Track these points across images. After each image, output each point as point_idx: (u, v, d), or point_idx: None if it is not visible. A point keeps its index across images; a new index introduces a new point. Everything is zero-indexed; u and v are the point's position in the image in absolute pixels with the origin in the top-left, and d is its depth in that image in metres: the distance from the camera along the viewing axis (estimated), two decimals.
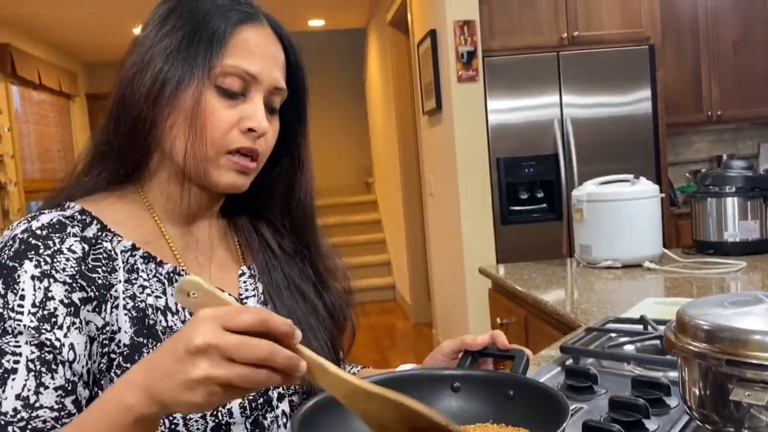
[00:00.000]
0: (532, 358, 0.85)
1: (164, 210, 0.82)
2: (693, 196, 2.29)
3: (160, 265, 0.78)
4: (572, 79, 3.37)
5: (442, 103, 3.57)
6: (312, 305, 0.88)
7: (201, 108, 0.75)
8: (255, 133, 0.78)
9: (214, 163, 0.77)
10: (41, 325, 0.67)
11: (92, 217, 0.76)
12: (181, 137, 0.76)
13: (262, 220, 0.90)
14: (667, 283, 1.87)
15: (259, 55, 0.78)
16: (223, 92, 0.77)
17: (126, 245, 0.76)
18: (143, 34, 0.80)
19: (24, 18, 5.23)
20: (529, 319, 1.93)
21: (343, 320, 0.93)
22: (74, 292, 0.70)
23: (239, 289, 0.85)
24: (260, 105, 0.78)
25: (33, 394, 0.66)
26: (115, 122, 0.79)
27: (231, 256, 0.88)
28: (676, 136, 4.33)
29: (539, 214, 3.39)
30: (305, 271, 0.91)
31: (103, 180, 0.80)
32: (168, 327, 0.75)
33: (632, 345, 1.15)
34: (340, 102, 7.93)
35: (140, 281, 0.75)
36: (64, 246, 0.71)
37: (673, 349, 0.71)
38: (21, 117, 5.59)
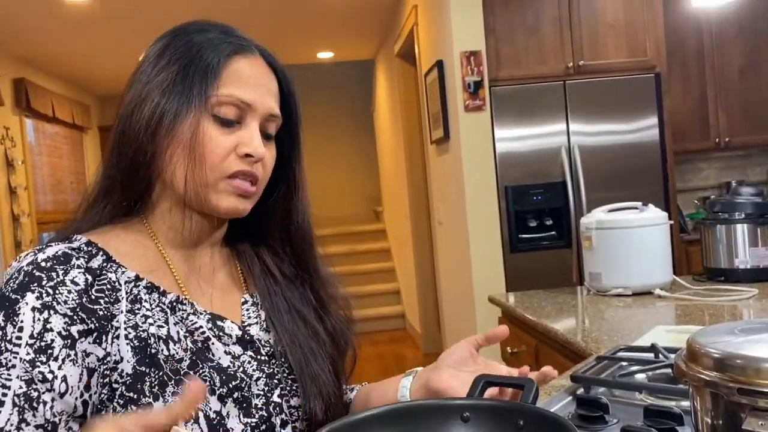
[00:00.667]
0: (543, 387, 0.84)
1: (167, 239, 0.83)
2: (702, 222, 2.28)
3: (164, 295, 0.79)
4: (579, 108, 3.40)
5: (449, 132, 3.59)
6: (313, 329, 0.89)
7: (199, 136, 0.78)
8: (252, 158, 0.80)
9: (214, 188, 0.79)
10: (37, 357, 0.68)
11: (98, 248, 0.78)
12: (181, 166, 0.78)
13: (262, 246, 0.92)
14: (678, 311, 1.86)
15: (252, 84, 0.81)
16: (220, 121, 0.79)
17: (130, 276, 0.78)
18: (140, 70, 0.83)
19: (38, 53, 5.34)
20: (540, 347, 1.91)
21: (344, 345, 0.94)
22: (74, 324, 0.71)
23: (242, 316, 0.86)
24: (256, 131, 0.81)
25: (15, 429, 0.66)
26: (117, 156, 0.81)
27: (234, 284, 0.89)
28: (685, 163, 4.34)
29: (548, 242, 3.38)
30: (306, 296, 0.92)
31: (108, 213, 0.82)
32: (170, 355, 0.76)
33: (644, 374, 1.14)
34: (349, 132, 8.00)
35: (143, 311, 0.76)
36: (68, 278, 0.73)
37: (684, 377, 0.70)
38: (34, 149, 5.66)
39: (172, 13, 4.58)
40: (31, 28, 4.68)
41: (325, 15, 5.05)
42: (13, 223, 5.05)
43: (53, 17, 4.45)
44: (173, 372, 0.74)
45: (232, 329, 0.82)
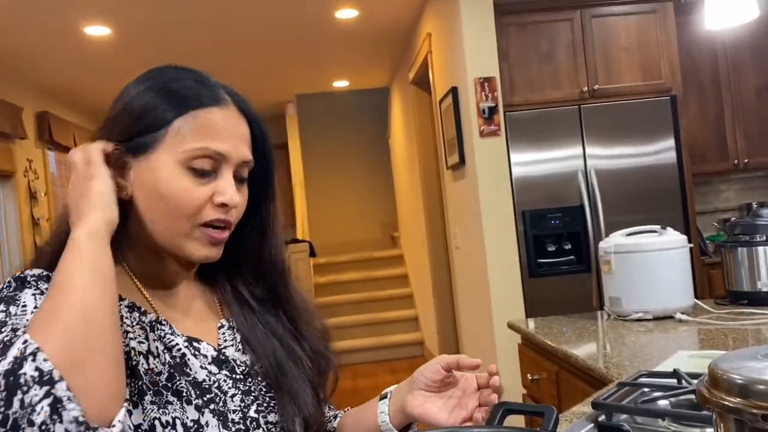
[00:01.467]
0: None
1: (143, 276, 0.86)
2: (723, 245, 2.25)
3: (144, 314, 0.82)
4: (595, 131, 3.40)
5: (465, 158, 3.60)
6: (290, 349, 0.91)
7: (175, 187, 0.80)
8: (227, 208, 0.82)
9: (189, 237, 0.82)
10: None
11: None
12: (156, 216, 0.81)
13: (235, 276, 0.94)
14: (701, 335, 1.83)
15: (226, 135, 0.83)
16: (195, 172, 0.81)
17: None
18: (114, 111, 0.84)
19: (60, 86, 5.46)
20: (561, 374, 1.89)
21: (324, 366, 0.95)
22: None
23: (218, 339, 0.88)
24: (230, 180, 0.83)
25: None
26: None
27: (210, 311, 0.92)
28: (704, 185, 4.30)
29: (567, 266, 3.36)
30: (281, 320, 0.94)
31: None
32: (149, 369, 0.78)
33: (666, 400, 1.12)
34: (365, 158, 8.05)
35: (124, 327, 0.79)
36: None
37: (706, 404, 0.69)
38: (56, 181, 5.76)
39: (191, 46, 4.68)
40: (52, 60, 4.79)
41: (341, 45, 5.13)
42: None
43: (74, 50, 4.56)
44: (152, 383, 0.77)
45: (207, 350, 0.85)
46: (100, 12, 3.97)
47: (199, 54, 4.76)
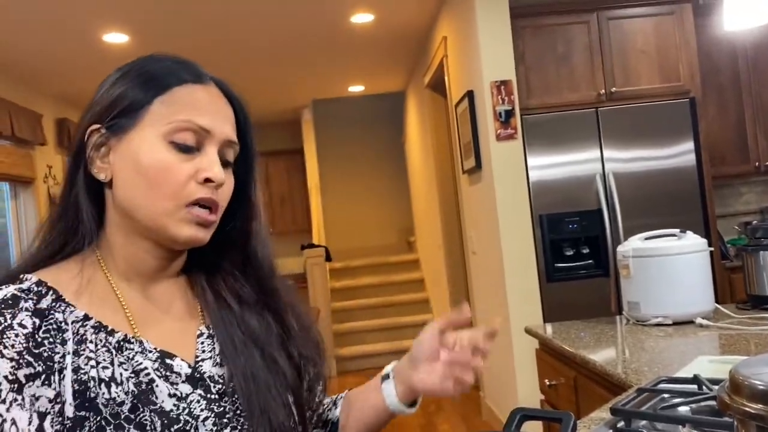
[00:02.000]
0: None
1: (121, 273, 0.82)
2: (744, 249, 2.22)
3: (111, 335, 0.77)
4: (612, 134, 3.37)
5: (481, 162, 3.59)
6: (271, 359, 0.85)
7: (156, 162, 0.77)
8: (213, 184, 0.79)
9: (174, 217, 0.78)
10: None
11: (48, 287, 0.76)
12: (137, 194, 0.78)
13: (220, 274, 0.89)
14: (722, 340, 1.80)
15: (209, 111, 0.81)
16: (178, 147, 0.78)
17: (78, 315, 0.76)
18: (96, 97, 0.83)
19: (78, 92, 5.52)
20: (579, 379, 1.87)
21: (313, 374, 0.90)
22: (20, 368, 0.70)
23: (196, 350, 0.83)
24: (215, 157, 0.80)
25: None
26: (70, 183, 0.81)
27: (190, 317, 0.86)
28: (724, 188, 4.25)
29: (585, 271, 3.33)
30: (267, 323, 0.88)
31: (58, 246, 0.81)
32: (111, 399, 0.73)
33: (687, 406, 1.11)
34: (381, 163, 8.06)
35: (87, 352, 0.74)
36: (15, 321, 0.72)
37: (727, 410, 0.68)
38: None
39: (207, 53, 4.72)
40: (71, 67, 4.86)
41: (356, 49, 5.14)
42: None
43: (92, 57, 4.62)
44: (113, 416, 0.72)
45: (181, 367, 0.79)
46: (118, 20, 4.02)
47: (216, 60, 4.80)
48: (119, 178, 0.79)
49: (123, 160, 0.79)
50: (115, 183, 0.80)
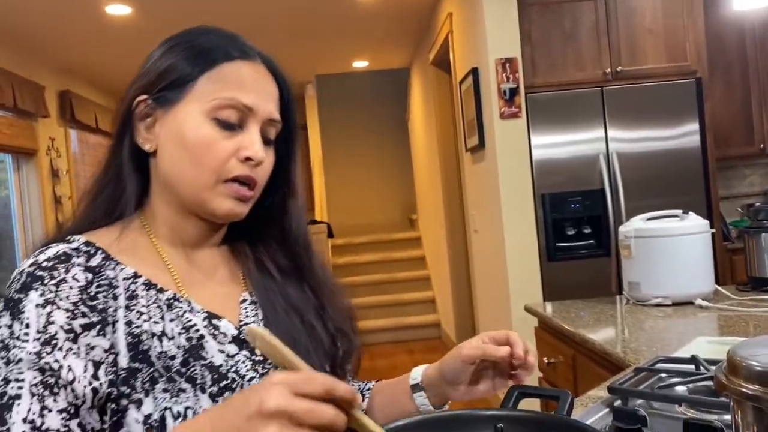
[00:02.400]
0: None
1: (166, 239, 0.84)
2: (746, 231, 2.22)
3: (161, 292, 0.80)
4: (617, 114, 3.35)
5: (485, 140, 3.57)
6: (310, 326, 0.88)
7: (199, 139, 0.79)
8: (252, 162, 0.81)
9: (213, 192, 0.80)
10: (42, 349, 0.70)
11: (96, 247, 0.79)
12: (180, 168, 0.80)
13: (260, 246, 0.92)
14: (721, 322, 1.81)
15: (254, 89, 0.82)
16: (221, 124, 0.80)
17: (128, 273, 0.79)
18: (144, 67, 0.85)
19: (81, 65, 5.50)
20: (577, 358, 1.88)
21: (347, 347, 0.93)
22: (75, 318, 0.73)
23: (240, 315, 0.86)
24: (257, 135, 0.82)
25: (38, 417, 0.67)
26: (116, 153, 0.84)
27: (233, 283, 0.89)
28: (728, 170, 4.23)
29: (587, 251, 3.33)
30: (305, 294, 0.91)
31: (105, 212, 0.84)
32: (163, 352, 0.76)
33: (684, 386, 1.12)
34: (384, 139, 8.03)
35: (139, 307, 0.77)
36: (69, 275, 0.74)
37: (724, 391, 0.69)
38: (78, 159, 5.82)
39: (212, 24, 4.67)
40: (74, 40, 4.82)
41: (361, 24, 5.09)
42: None
43: (95, 29, 4.58)
44: (165, 369, 0.75)
45: (227, 328, 0.81)
46: None
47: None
48: (163, 150, 0.81)
49: (168, 133, 0.81)
50: (159, 154, 0.82)
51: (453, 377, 0.89)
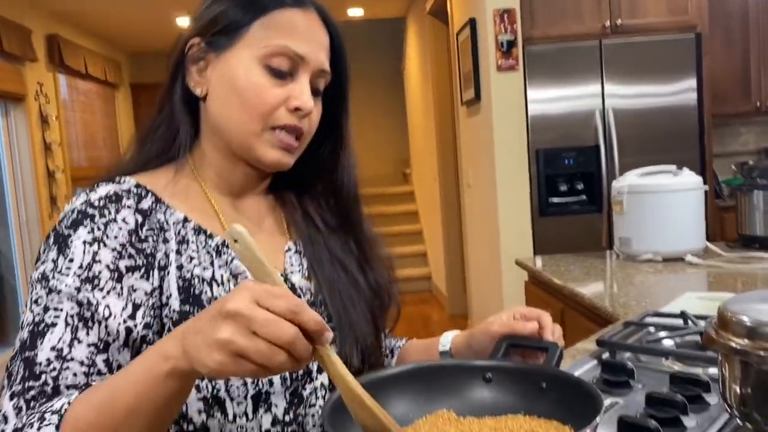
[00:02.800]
0: (564, 350, 0.83)
1: (214, 184, 0.85)
2: (739, 188, 2.22)
3: (210, 238, 0.80)
4: (615, 69, 3.30)
5: (481, 93, 3.53)
6: (353, 279, 0.89)
7: (251, 85, 0.79)
8: (301, 112, 0.80)
9: (260, 139, 0.80)
10: (83, 285, 0.71)
11: (147, 190, 0.80)
12: (231, 112, 0.80)
13: (306, 196, 0.93)
14: (710, 278, 1.82)
15: (306, 38, 0.81)
16: (272, 71, 0.80)
17: (178, 217, 0.80)
18: (199, 10, 0.84)
19: (71, 8, 5.36)
20: (566, 312, 1.90)
21: (387, 300, 0.94)
22: (122, 259, 0.73)
23: (285, 264, 0.87)
24: (307, 85, 0.81)
25: (66, 346, 0.69)
26: (169, 94, 0.84)
27: (278, 231, 0.90)
28: (723, 127, 4.21)
29: (579, 206, 3.33)
30: (348, 247, 0.92)
31: (155, 154, 0.84)
32: (213, 297, 0.77)
33: (671, 340, 1.13)
34: (378, 91, 7.93)
35: (189, 252, 0.78)
36: (119, 216, 0.75)
37: (713, 345, 0.69)
38: (68, 105, 5.73)
39: None
40: None
41: None
42: (48, 179, 5.15)
43: None
44: None
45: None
46: None
47: None
48: (214, 95, 0.82)
49: (219, 78, 0.81)
50: (209, 98, 0.82)
51: (481, 350, 0.89)
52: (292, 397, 0.79)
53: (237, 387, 0.76)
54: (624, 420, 0.76)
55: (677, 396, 0.82)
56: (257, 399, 0.77)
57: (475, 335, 0.90)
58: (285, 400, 0.79)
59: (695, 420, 0.80)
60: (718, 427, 0.78)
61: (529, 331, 0.83)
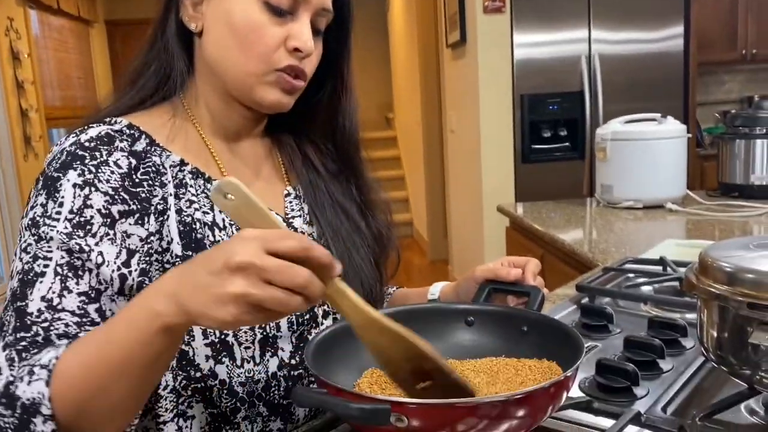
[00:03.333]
0: (547, 296, 0.84)
1: (210, 126, 0.82)
2: (721, 137, 2.23)
3: (208, 181, 0.78)
4: (603, 14, 3.25)
5: (466, 36, 3.47)
6: (355, 223, 0.88)
7: (249, 22, 0.75)
8: (301, 54, 0.77)
9: (260, 80, 0.77)
10: (74, 231, 0.68)
11: (140, 131, 0.76)
12: (228, 51, 0.76)
13: (305, 140, 0.90)
14: (689, 225, 1.85)
15: None
16: (272, 9, 0.76)
17: (175, 160, 0.77)
18: None
19: None
20: (546, 257, 1.92)
21: (387, 245, 0.93)
22: (114, 204, 0.71)
23: (285, 209, 0.85)
24: (307, 25, 0.77)
25: (57, 296, 0.67)
26: (161, 28, 0.80)
27: (276, 176, 0.88)
28: (707, 75, 4.20)
29: (561, 153, 3.33)
30: (349, 193, 0.91)
31: (147, 93, 0.81)
32: (215, 242, 0.75)
33: (650, 286, 1.14)
34: (362, 33, 7.68)
35: (188, 196, 0.76)
36: (111, 159, 0.72)
37: (693, 290, 0.70)
38: (40, 42, 5.54)
39: None
40: None
41: None
42: (21, 118, 5.02)
43: None
44: None
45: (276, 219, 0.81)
46: None
47: None
48: (209, 31, 0.78)
49: (215, 13, 0.77)
50: (204, 35, 0.78)
51: (467, 298, 0.89)
52: (298, 341, 0.79)
53: (245, 332, 0.75)
54: (603, 363, 0.77)
55: (655, 340, 0.83)
56: (264, 343, 0.76)
57: (461, 284, 0.91)
58: (291, 344, 0.79)
59: (672, 363, 0.81)
60: (693, 370, 0.80)
61: (513, 277, 0.83)
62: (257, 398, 0.77)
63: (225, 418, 0.76)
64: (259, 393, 0.77)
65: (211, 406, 0.75)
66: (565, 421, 0.69)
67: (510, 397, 0.54)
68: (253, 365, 0.76)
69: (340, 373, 0.67)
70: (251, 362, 0.76)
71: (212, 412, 0.75)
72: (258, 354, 0.76)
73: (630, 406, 0.70)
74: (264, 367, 0.77)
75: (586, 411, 0.69)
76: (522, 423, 0.56)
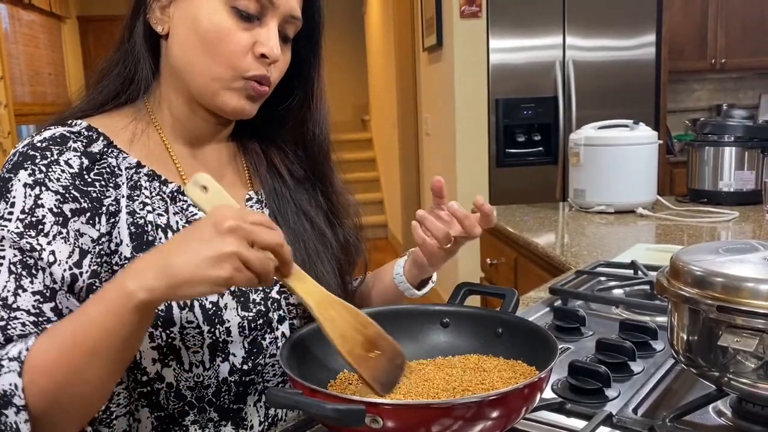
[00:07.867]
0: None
1: (171, 130, 0.82)
2: (691, 144, 2.27)
3: (165, 184, 0.78)
4: (577, 21, 3.29)
5: (443, 40, 3.48)
6: (320, 231, 0.88)
7: (215, 27, 0.75)
8: (267, 60, 0.76)
9: (225, 85, 0.76)
10: (26, 231, 0.68)
11: (99, 133, 0.76)
12: (192, 55, 0.76)
13: (272, 147, 0.90)
14: (659, 230, 1.88)
15: None
16: (239, 14, 0.75)
17: (131, 162, 0.77)
18: None
19: None
20: (519, 260, 1.94)
21: (354, 254, 0.93)
22: (66, 202, 0.70)
23: None
24: (275, 31, 0.77)
25: (12, 295, 0.66)
26: (129, 31, 0.79)
27: (238, 180, 0.87)
28: (678, 83, 4.28)
29: (535, 158, 3.36)
30: (316, 200, 0.90)
31: (111, 94, 0.80)
32: None
33: (621, 289, 1.16)
34: (338, 35, 7.75)
35: (142, 198, 0.75)
36: (62, 158, 0.72)
37: (664, 293, 0.71)
38: (10, 37, 5.43)
39: None
40: None
41: None
42: None
43: None
44: None
45: None
46: None
47: None
48: (176, 35, 0.77)
49: (182, 17, 0.76)
50: (171, 38, 0.78)
51: (421, 263, 0.89)
52: (251, 347, 0.79)
53: (193, 336, 0.74)
54: (575, 365, 0.78)
55: (626, 342, 0.85)
56: (214, 348, 0.76)
57: (415, 253, 0.91)
58: (243, 349, 0.78)
59: (642, 365, 0.83)
60: (663, 372, 0.81)
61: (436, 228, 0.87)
62: (207, 403, 0.77)
63: (173, 421, 0.76)
64: (209, 398, 0.76)
65: (158, 409, 0.75)
66: (537, 423, 0.70)
67: (484, 398, 0.55)
68: (203, 370, 0.75)
69: (314, 374, 0.67)
70: (200, 367, 0.75)
71: (159, 415, 0.75)
72: (208, 359, 0.75)
73: (602, 408, 0.71)
74: (214, 372, 0.76)
75: (559, 412, 0.70)
76: (496, 424, 0.56)
